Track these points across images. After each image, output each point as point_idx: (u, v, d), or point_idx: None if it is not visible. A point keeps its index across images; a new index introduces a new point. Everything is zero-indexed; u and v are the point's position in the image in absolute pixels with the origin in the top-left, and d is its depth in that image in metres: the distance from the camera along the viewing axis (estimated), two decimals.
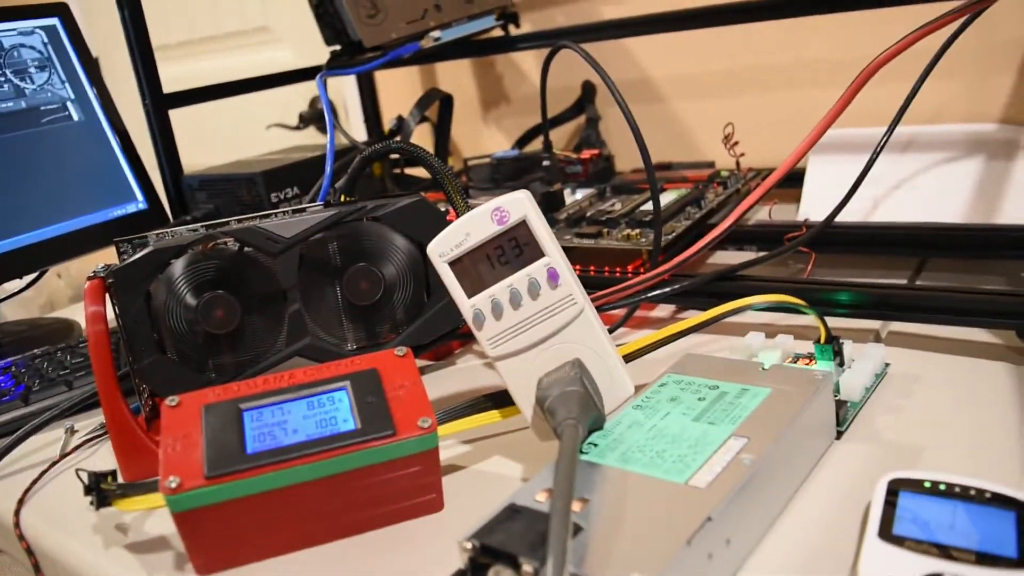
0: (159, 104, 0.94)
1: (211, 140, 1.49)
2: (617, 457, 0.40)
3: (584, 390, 0.42)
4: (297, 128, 1.30)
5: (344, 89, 1.30)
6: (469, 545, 0.35)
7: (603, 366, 0.45)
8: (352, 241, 0.60)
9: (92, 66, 0.94)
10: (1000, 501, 0.38)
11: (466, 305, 0.45)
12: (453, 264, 0.45)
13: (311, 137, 1.32)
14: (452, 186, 0.58)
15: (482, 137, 1.21)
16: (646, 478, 0.38)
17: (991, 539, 0.36)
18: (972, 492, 0.39)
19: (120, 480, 0.47)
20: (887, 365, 0.54)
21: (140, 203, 0.96)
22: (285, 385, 0.46)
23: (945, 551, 0.35)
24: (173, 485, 0.41)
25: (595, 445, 0.41)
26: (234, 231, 0.58)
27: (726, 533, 0.36)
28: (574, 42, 0.79)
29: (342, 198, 0.60)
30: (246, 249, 0.58)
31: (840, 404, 0.47)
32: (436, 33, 0.89)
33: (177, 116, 0.95)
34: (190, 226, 0.60)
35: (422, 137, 1.03)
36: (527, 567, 0.32)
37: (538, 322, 0.45)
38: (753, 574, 0.38)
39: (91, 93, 0.94)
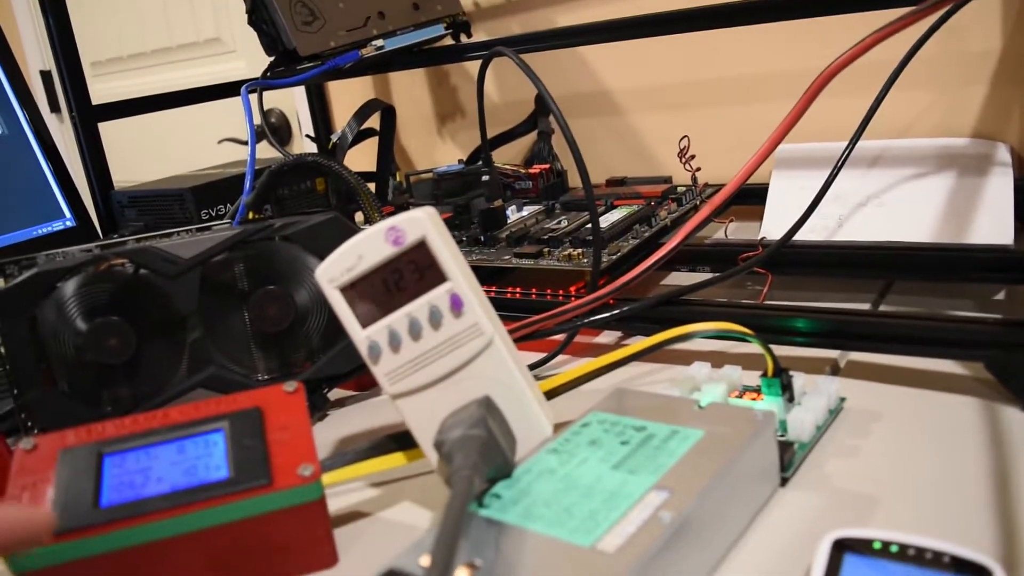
0: (87, 117, 0.88)
1: (172, 153, 1.44)
2: (520, 512, 0.35)
3: (487, 434, 0.37)
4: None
5: (297, 100, 1.25)
6: None
7: (517, 404, 0.40)
8: (260, 262, 0.54)
9: (17, 77, 0.89)
10: (960, 566, 0.32)
11: (360, 336, 0.40)
12: (345, 290, 0.40)
13: (266, 151, 1.27)
14: (368, 200, 0.53)
15: (437, 151, 1.16)
16: (548, 539, 0.33)
17: None
18: (928, 555, 0.33)
19: None
20: (843, 400, 0.49)
21: (68, 220, 0.90)
22: (157, 425, 0.41)
23: None
24: None
25: (498, 497, 0.36)
26: (128, 251, 0.53)
27: None
28: (520, 50, 0.74)
29: (250, 215, 0.55)
30: (142, 271, 0.53)
31: (786, 446, 0.42)
32: (379, 42, 0.84)
33: (138, 129, 0.90)
34: (84, 246, 0.55)
35: (371, 150, 0.98)
36: None
37: (441, 355, 0.40)
38: None
39: (16, 105, 0.89)
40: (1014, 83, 0.80)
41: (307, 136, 1.11)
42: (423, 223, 0.39)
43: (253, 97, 0.77)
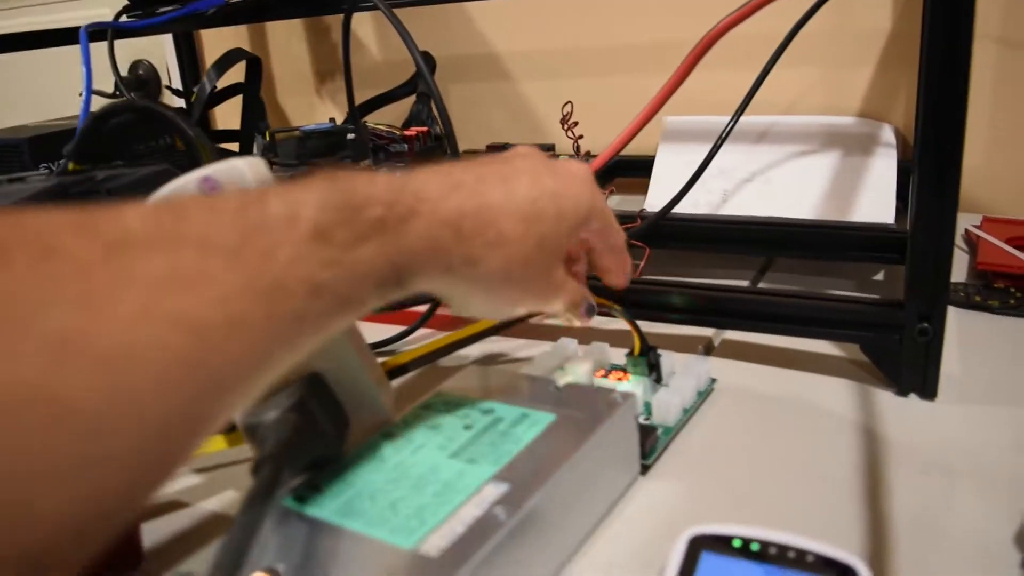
0: None
1: (42, 101, 1.33)
2: (338, 508, 0.30)
3: (302, 416, 0.32)
4: (114, 96, 1.15)
5: (167, 52, 1.16)
6: None
7: (350, 383, 0.35)
8: None
9: None
10: (824, 565, 0.30)
11: None
12: None
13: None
14: (207, 153, 0.47)
15: (316, 110, 1.09)
16: (365, 539, 0.28)
17: None
18: (791, 554, 0.30)
19: None
20: (714, 381, 0.46)
21: None
22: None
23: None
24: None
25: (317, 488, 0.32)
26: None
27: None
28: (399, 4, 0.69)
29: (71, 166, 0.49)
30: None
31: (649, 431, 0.39)
32: None
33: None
34: None
35: (237, 104, 0.91)
36: None
37: None
38: None
39: None
40: (901, 65, 0.78)
41: (167, 87, 1.03)
42: (242, 173, 0.34)
43: (99, 46, 0.69)
